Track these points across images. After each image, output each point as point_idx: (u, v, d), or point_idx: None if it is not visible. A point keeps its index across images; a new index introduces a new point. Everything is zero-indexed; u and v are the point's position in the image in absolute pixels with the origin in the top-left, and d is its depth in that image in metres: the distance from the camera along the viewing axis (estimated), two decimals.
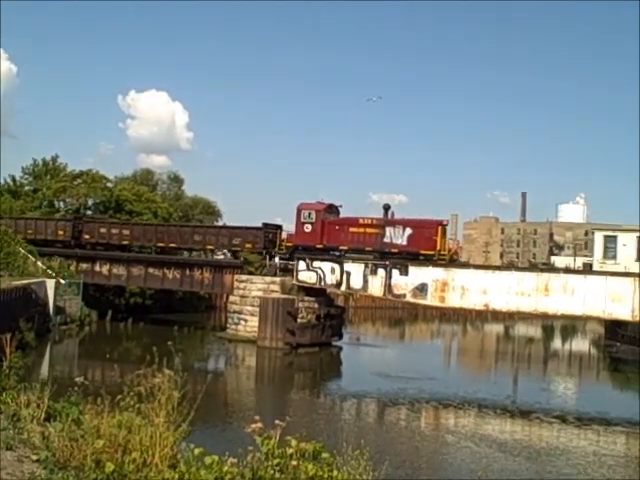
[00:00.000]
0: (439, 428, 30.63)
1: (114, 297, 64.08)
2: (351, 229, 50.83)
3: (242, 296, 52.64)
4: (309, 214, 51.92)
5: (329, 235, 51.38)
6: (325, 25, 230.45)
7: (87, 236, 62.57)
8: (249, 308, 51.56)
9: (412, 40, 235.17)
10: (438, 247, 47.44)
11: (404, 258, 47.82)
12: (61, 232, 63.31)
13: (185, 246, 61.29)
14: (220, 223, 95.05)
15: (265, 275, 53.36)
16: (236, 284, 53.79)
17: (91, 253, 61.36)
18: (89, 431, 7.42)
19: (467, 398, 36.19)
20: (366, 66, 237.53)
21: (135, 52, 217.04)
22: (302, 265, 51.63)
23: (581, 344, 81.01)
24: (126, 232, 61.50)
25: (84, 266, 60.63)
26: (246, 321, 51.60)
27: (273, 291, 51.50)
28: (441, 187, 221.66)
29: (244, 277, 53.64)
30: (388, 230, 49.38)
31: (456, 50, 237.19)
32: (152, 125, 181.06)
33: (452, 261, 48.92)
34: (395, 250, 48.74)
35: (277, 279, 52.37)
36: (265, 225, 56.66)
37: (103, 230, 62.34)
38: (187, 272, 58.09)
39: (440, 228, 48.76)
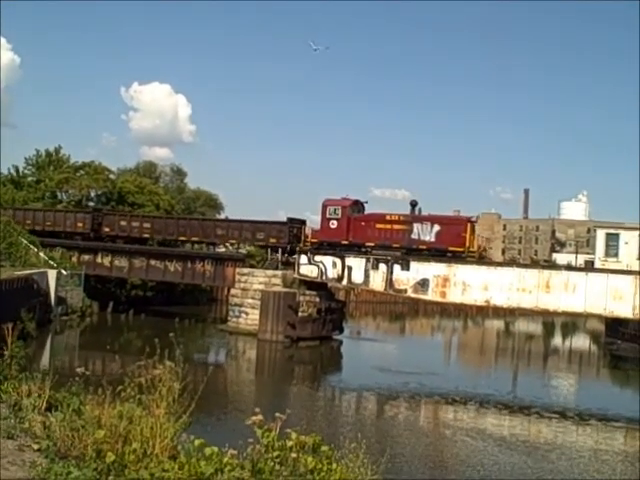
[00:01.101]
0: (438, 423, 30.68)
1: (115, 289, 64.12)
2: (377, 225, 50.42)
3: (243, 289, 52.68)
4: (335, 210, 51.51)
5: (355, 231, 50.99)
6: (328, 16, 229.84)
7: (107, 229, 62.13)
8: (250, 301, 51.60)
9: (412, 31, 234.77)
10: (467, 244, 47.38)
11: (433, 255, 47.59)
12: (80, 224, 62.82)
13: (207, 240, 60.29)
14: (222, 216, 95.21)
15: (267, 268, 53.35)
16: (237, 277, 53.82)
17: (93, 245, 61.31)
18: (90, 421, 7.46)
19: (467, 393, 36.28)
20: (365, 55, 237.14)
21: (138, 44, 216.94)
22: (304, 259, 51.66)
23: (581, 341, 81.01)
24: (147, 225, 60.92)
25: (86, 257, 60.63)
26: (247, 314, 51.64)
27: (274, 284, 51.51)
28: (443, 183, 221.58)
29: (246, 270, 53.64)
30: (416, 226, 49.07)
31: (457, 44, 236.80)
32: (155, 117, 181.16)
33: (481, 258, 48.71)
34: (423, 247, 48.51)
35: (279, 272, 52.37)
36: (290, 220, 55.95)
37: (123, 223, 61.85)
38: (189, 264, 58.09)
39: (469, 225, 48.67)
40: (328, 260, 50.64)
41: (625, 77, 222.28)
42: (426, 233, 48.55)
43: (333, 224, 51.42)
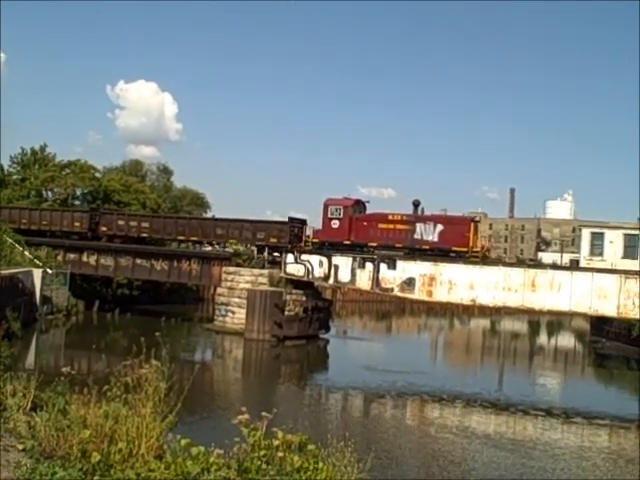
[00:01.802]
0: (425, 421, 30.76)
1: (101, 287, 63.85)
2: (380, 225, 50.14)
3: (230, 288, 52.60)
4: (336, 210, 51.24)
5: (357, 231, 50.74)
6: (317, 16, 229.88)
7: (104, 228, 61.37)
8: (237, 300, 51.54)
9: (401, 33, 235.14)
10: (471, 244, 47.33)
11: (436, 255, 47.43)
12: (77, 224, 62.02)
13: (207, 240, 59.77)
14: (209, 215, 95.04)
15: (253, 267, 53.29)
16: (224, 276, 53.73)
17: (79, 243, 60.97)
18: (75, 421, 7.43)
19: (453, 392, 36.38)
20: (350, 54, 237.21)
21: (124, 41, 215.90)
22: (290, 258, 51.65)
23: (567, 340, 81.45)
24: (145, 225, 60.31)
25: (71, 256, 60.31)
26: (234, 313, 51.57)
27: (261, 283, 51.48)
28: (429, 182, 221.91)
29: (232, 269, 53.55)
30: (419, 226, 48.91)
31: (445, 44, 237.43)
32: (141, 115, 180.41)
33: (484, 258, 48.55)
34: (426, 247, 48.38)
35: (265, 271, 52.33)
36: (291, 219, 55.52)
37: (121, 222, 61.11)
38: (175, 263, 57.95)
39: (473, 225, 48.60)
40: (315, 259, 50.66)
41: (613, 76, 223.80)
42: (429, 233, 48.47)
43: (335, 224, 51.18)
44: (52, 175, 73.56)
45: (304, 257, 51.03)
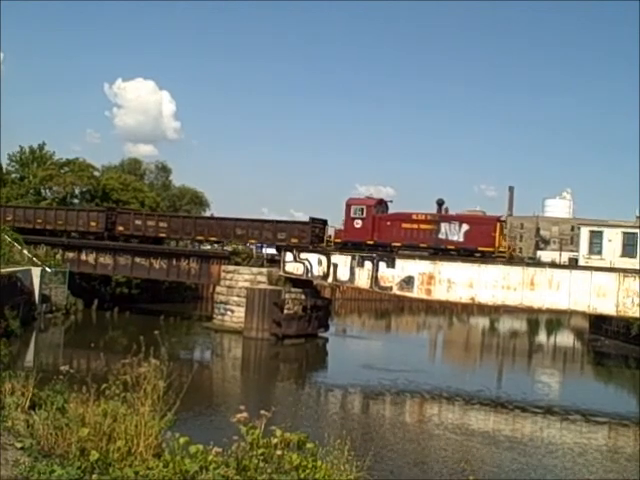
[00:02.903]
0: (424, 420, 30.79)
1: (100, 286, 63.90)
2: (403, 225, 49.32)
3: (229, 287, 52.62)
4: (359, 209, 50.55)
5: (380, 231, 49.95)
6: (316, 14, 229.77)
7: (121, 228, 60.54)
8: (236, 299, 51.56)
9: (397, 30, 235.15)
10: (497, 244, 46.82)
11: (462, 255, 46.90)
12: (93, 224, 61.24)
13: (226, 240, 58.44)
14: (208, 213, 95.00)
15: (252, 266, 53.30)
16: (223, 274, 53.75)
17: (77, 242, 60.93)
18: (74, 419, 7.43)
19: (452, 390, 36.41)
20: (351, 53, 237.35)
21: (122, 39, 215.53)
22: (289, 256, 51.65)
23: (566, 338, 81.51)
24: (163, 224, 59.47)
25: (70, 255, 60.29)
26: (232, 312, 51.60)
27: (260, 282, 51.49)
28: (428, 180, 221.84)
29: (231, 268, 53.57)
30: (443, 226, 48.19)
31: (442, 41, 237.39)
32: (139, 114, 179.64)
33: (511, 258, 48.05)
34: (451, 246, 47.77)
35: (264, 270, 52.34)
36: (312, 220, 54.51)
37: (138, 222, 60.17)
38: (174, 262, 57.93)
39: (499, 224, 47.98)
40: (314, 257, 50.66)
41: (611, 74, 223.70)
42: (454, 233, 47.77)
43: (357, 224, 50.42)
44: (51, 174, 73.60)
45: (303, 255, 51.02)
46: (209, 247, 64.57)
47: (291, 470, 6.71)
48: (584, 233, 47.54)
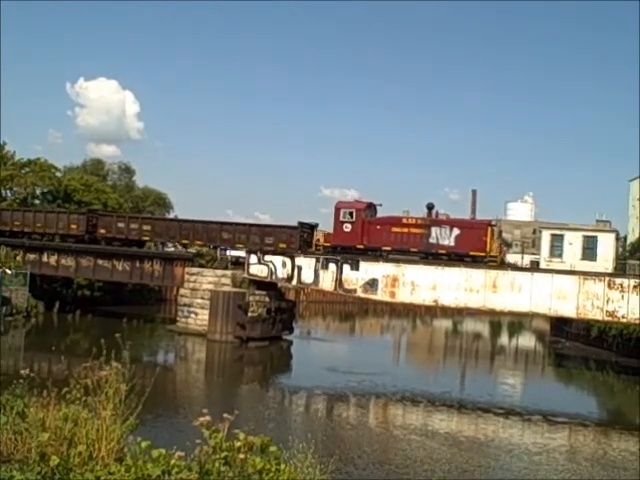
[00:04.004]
0: (387, 422, 30.90)
1: (62, 288, 63.05)
2: (394, 229, 48.85)
3: (193, 289, 52.34)
4: (349, 213, 49.83)
5: (370, 235, 49.34)
6: (283, 14, 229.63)
7: (103, 231, 59.04)
8: (199, 301, 51.31)
9: (364, 30, 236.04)
10: (488, 248, 46.58)
11: (452, 259, 46.63)
12: (74, 226, 59.62)
13: (212, 244, 56.71)
14: (171, 215, 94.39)
15: (216, 268, 53.09)
16: (187, 277, 53.45)
17: (39, 243, 60.10)
18: (34, 424, 7.35)
19: (415, 393, 36.65)
20: (318, 53, 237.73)
21: (84, 38, 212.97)
22: (253, 259, 51.55)
23: (527, 340, 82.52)
24: (147, 228, 58.23)
25: (31, 256, 59.42)
26: (196, 314, 51.33)
27: (224, 284, 51.31)
28: (392, 183, 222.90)
29: (195, 270, 53.29)
30: (434, 230, 47.74)
31: (406, 42, 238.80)
32: (102, 114, 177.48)
33: (502, 263, 47.92)
34: (442, 251, 47.31)
35: (228, 272, 52.17)
36: (300, 224, 53.39)
37: (121, 225, 58.72)
38: (137, 264, 57.38)
39: (490, 229, 47.75)
40: (278, 260, 50.65)
41: (576, 77, 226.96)
42: (445, 237, 47.40)
43: (347, 227, 49.73)
44: (11, 174, 72.43)
45: (267, 258, 50.96)
46: (173, 249, 64.10)
47: (254, 474, 6.71)
48: (545, 236, 48.21)
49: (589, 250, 45.98)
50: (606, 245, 45.90)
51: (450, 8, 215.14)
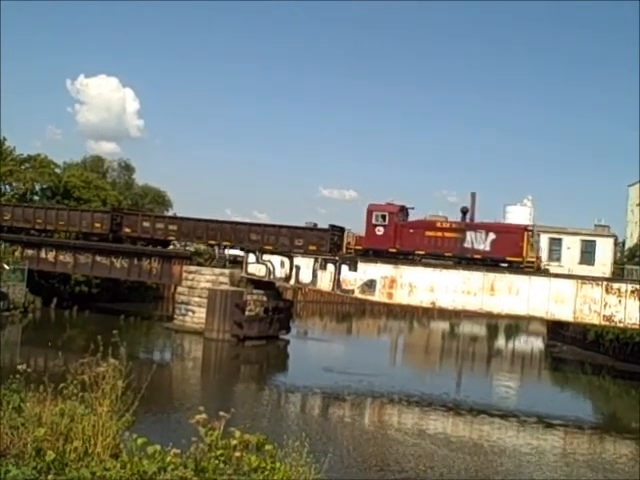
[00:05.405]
0: (383, 423, 30.92)
1: (59, 284, 63.02)
2: (427, 233, 48.10)
3: (190, 287, 52.35)
4: (381, 216, 48.96)
5: (403, 239, 48.52)
6: (280, 14, 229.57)
7: (128, 229, 58.50)
8: (197, 299, 51.32)
9: (359, 32, 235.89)
10: (524, 254, 45.72)
11: (488, 265, 45.95)
12: (98, 225, 59.21)
13: (240, 245, 55.03)
14: (170, 213, 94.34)
15: (214, 267, 53.10)
16: (185, 275, 53.46)
17: (37, 239, 60.06)
18: (30, 419, 7.36)
19: (412, 394, 36.64)
20: (316, 53, 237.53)
21: (84, 34, 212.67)
22: (252, 258, 51.56)
23: (524, 343, 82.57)
24: (173, 227, 57.57)
25: (29, 252, 59.40)
26: (194, 312, 51.34)
27: (222, 283, 51.32)
28: (390, 184, 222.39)
29: (193, 268, 53.31)
30: (469, 235, 46.95)
31: (400, 42, 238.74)
32: (102, 111, 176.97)
33: (539, 269, 46.91)
34: (478, 256, 46.54)
35: (226, 271, 52.18)
36: (331, 227, 52.86)
37: (146, 224, 58.10)
38: (135, 261, 57.36)
39: (526, 234, 46.69)
40: (276, 259, 50.67)
41: (575, 81, 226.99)
42: (480, 242, 46.57)
43: (379, 231, 48.84)
44: (11, 169, 72.34)
45: (266, 257, 50.97)
46: (171, 247, 64.09)
47: (250, 471, 6.72)
48: (544, 240, 48.32)
49: (587, 254, 46.19)
50: (604, 249, 46.08)
51: (451, 9, 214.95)
